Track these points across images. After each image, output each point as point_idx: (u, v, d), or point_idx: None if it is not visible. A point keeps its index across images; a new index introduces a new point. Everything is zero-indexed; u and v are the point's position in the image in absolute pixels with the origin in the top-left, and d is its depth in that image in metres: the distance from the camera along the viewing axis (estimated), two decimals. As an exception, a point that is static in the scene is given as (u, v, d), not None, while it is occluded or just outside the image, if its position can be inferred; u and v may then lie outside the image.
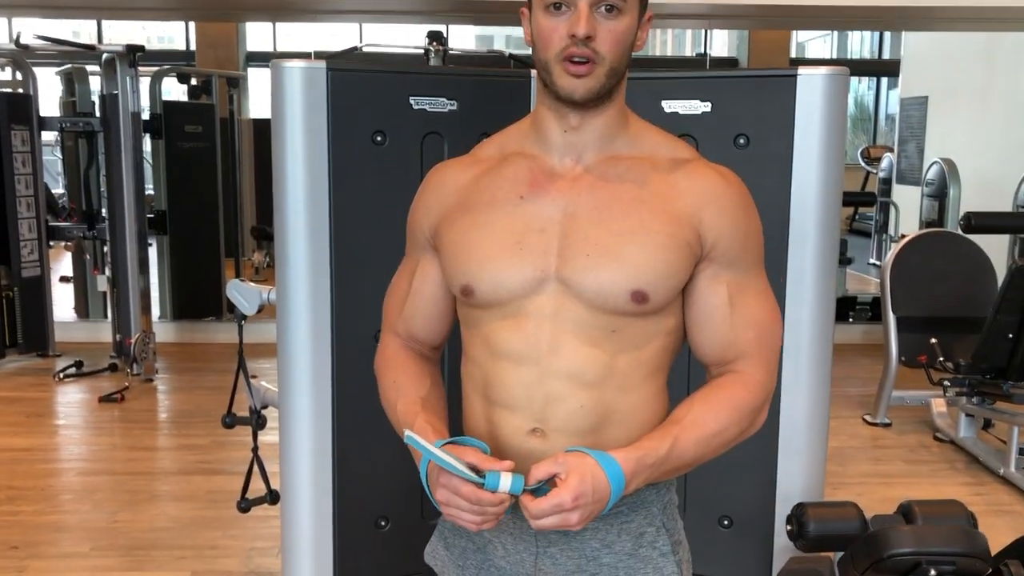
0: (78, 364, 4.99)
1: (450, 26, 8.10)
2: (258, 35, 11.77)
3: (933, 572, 1.64)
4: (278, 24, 10.76)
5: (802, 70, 2.37)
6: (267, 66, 2.34)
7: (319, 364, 2.41)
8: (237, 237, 6.58)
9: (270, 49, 12.30)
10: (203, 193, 6.04)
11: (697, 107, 2.41)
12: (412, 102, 2.39)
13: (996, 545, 1.85)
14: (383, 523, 2.53)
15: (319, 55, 10.34)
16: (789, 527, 2.09)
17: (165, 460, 3.70)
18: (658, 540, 1.19)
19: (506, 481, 1.05)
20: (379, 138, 2.38)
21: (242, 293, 2.54)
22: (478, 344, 1.19)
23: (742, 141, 2.42)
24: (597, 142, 1.17)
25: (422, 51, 4.53)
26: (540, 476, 1.05)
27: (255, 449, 2.78)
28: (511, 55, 4.97)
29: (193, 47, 11.36)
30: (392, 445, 2.46)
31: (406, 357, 1.29)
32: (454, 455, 1.06)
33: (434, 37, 4.45)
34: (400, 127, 2.39)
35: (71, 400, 4.59)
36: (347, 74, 2.36)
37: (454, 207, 1.21)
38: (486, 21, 7.86)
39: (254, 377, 2.71)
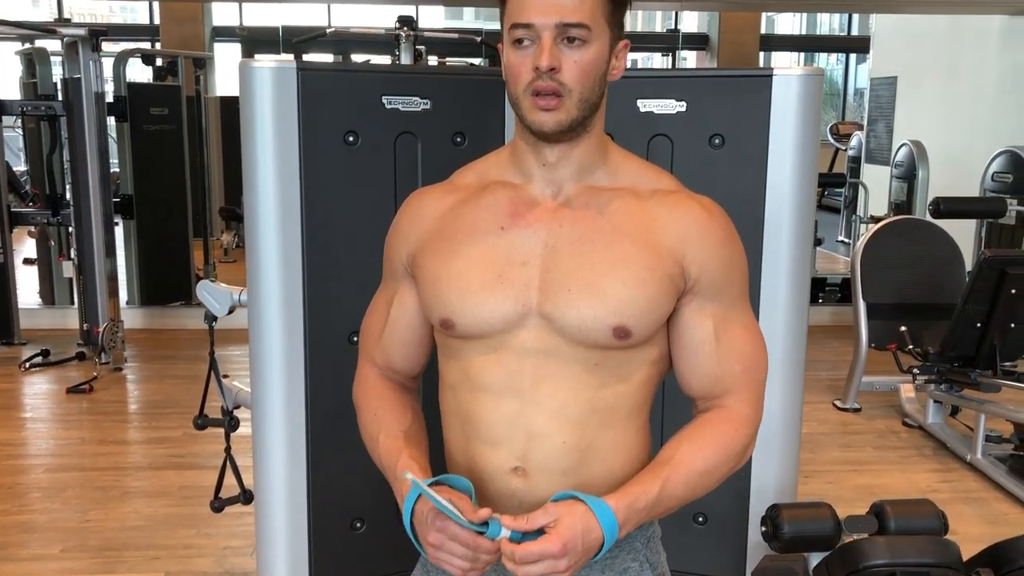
0: (44, 353, 4.92)
1: (420, 6, 8.01)
2: (224, 9, 11.55)
3: (906, 581, 1.65)
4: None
5: (777, 71, 2.36)
6: (234, 41, 2.28)
7: (292, 365, 2.39)
8: (205, 219, 6.48)
9: (236, 24, 12.10)
10: (170, 176, 5.94)
11: (672, 106, 2.40)
12: (384, 101, 2.36)
13: (965, 535, 1.88)
14: (358, 524, 2.52)
15: (287, 30, 10.11)
16: (764, 528, 2.11)
17: (136, 454, 3.66)
18: (642, 575, 1.19)
19: (505, 530, 1.04)
20: (351, 138, 2.34)
21: (212, 294, 2.50)
22: (457, 374, 1.18)
23: (717, 141, 2.41)
24: (576, 174, 1.15)
25: (392, 33, 4.47)
26: (532, 528, 1.03)
27: (228, 449, 2.75)
28: (482, 40, 4.92)
29: (158, 21, 11.12)
30: (365, 446, 2.47)
31: (385, 388, 1.28)
32: (451, 500, 1.05)
33: (404, 22, 4.39)
34: (373, 127, 2.35)
35: (38, 391, 4.53)
36: (318, 74, 2.31)
37: (432, 235, 1.19)
38: (455, 2, 7.79)
39: (226, 377, 2.67)
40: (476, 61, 10.13)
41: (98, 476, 3.42)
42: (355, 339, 2.42)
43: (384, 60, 8.90)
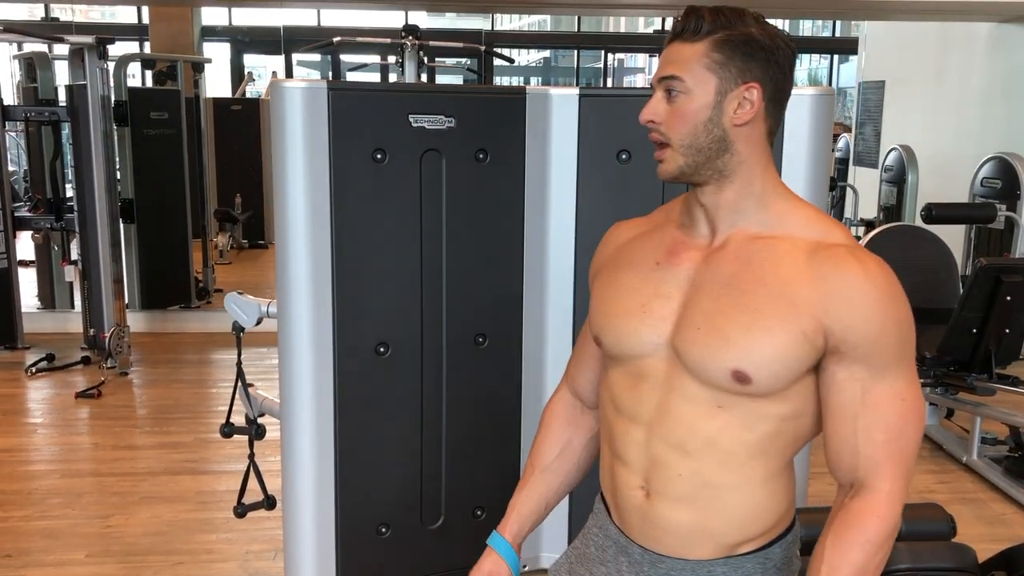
0: (49, 358, 4.94)
1: (415, 12, 8.04)
2: (214, 9, 11.53)
3: (926, 586, 1.74)
4: None
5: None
6: (224, 41, 2.30)
7: (321, 376, 2.45)
8: (203, 222, 6.52)
9: (226, 23, 12.09)
10: (170, 180, 5.97)
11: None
12: (411, 120, 2.43)
13: (964, 535, 1.96)
14: (384, 529, 2.60)
15: (287, 31, 10.10)
16: (781, 533, 2.19)
17: (150, 459, 3.70)
18: None
19: None
20: (379, 155, 2.41)
21: (240, 306, 2.56)
22: (606, 395, 1.28)
23: (733, 158, 2.49)
24: (729, 216, 1.17)
25: (399, 39, 4.52)
26: None
27: (251, 456, 2.80)
28: (487, 50, 4.98)
29: (146, 21, 11.09)
30: (391, 452, 2.54)
31: (555, 413, 1.44)
32: None
33: (410, 31, 4.44)
34: (400, 144, 2.42)
35: (45, 396, 4.56)
36: (347, 93, 2.38)
37: (608, 262, 1.30)
38: (448, 8, 7.83)
39: (251, 386, 2.73)
40: (467, 61, 10.19)
41: (115, 482, 3.47)
42: (382, 350, 2.50)
43: (374, 59, 8.95)
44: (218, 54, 11.34)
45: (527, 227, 2.59)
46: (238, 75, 12.02)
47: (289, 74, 11.80)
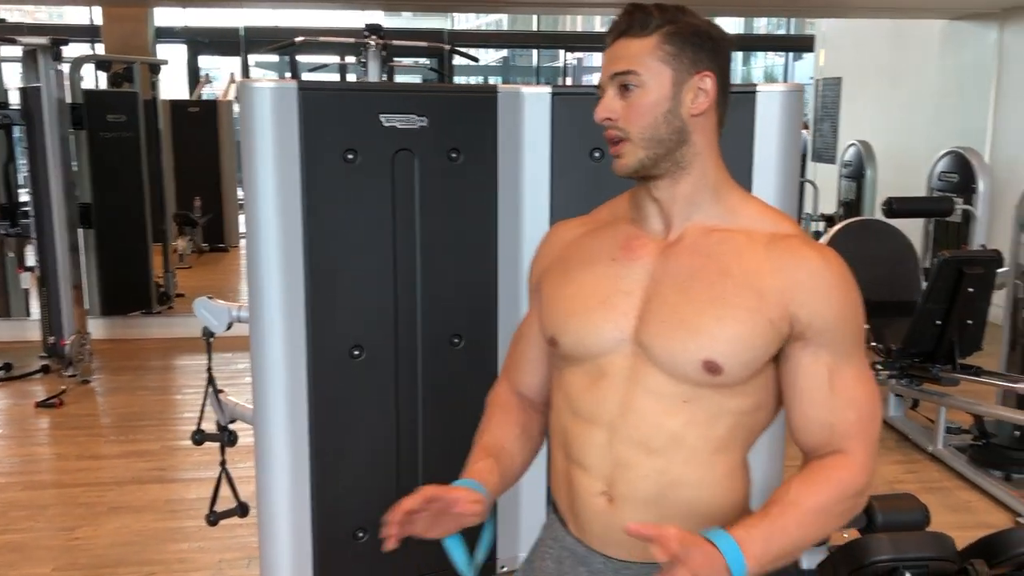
0: (7, 367, 4.83)
1: (372, 11, 7.99)
2: (168, 9, 11.35)
3: (908, 574, 1.76)
4: (190, -1, 10.37)
5: (761, 87, 2.47)
6: (180, 42, 2.26)
7: (294, 380, 2.42)
8: (163, 225, 6.42)
9: (181, 24, 11.91)
10: (128, 183, 5.88)
11: (661, 122, 2.48)
12: (383, 119, 2.40)
13: (932, 523, 2.00)
14: (361, 534, 2.57)
15: (249, 31, 9.98)
16: (760, 526, 2.20)
17: (116, 469, 3.63)
18: None
19: None
20: (350, 156, 2.38)
21: (210, 311, 2.52)
22: (560, 398, 1.25)
23: (705, 155, 2.50)
24: (684, 210, 1.18)
25: (362, 39, 4.48)
26: (647, 537, 0.99)
27: (223, 463, 2.76)
28: (452, 49, 4.96)
29: (98, 21, 10.88)
30: (367, 456, 2.52)
31: (503, 402, 1.37)
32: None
33: (373, 30, 4.40)
34: (371, 144, 2.40)
35: (5, 406, 4.45)
36: (318, 93, 2.35)
37: (556, 262, 1.28)
38: (396, 7, 7.79)
39: (221, 392, 2.68)
40: (426, 61, 10.14)
41: (80, 492, 3.40)
42: (357, 353, 2.48)
43: (332, 59, 8.87)
44: (173, 55, 11.17)
45: (501, 226, 2.57)
46: (194, 77, 11.85)
47: (246, 75, 11.66)
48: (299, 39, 4.34)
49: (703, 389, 1.13)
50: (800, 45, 13.10)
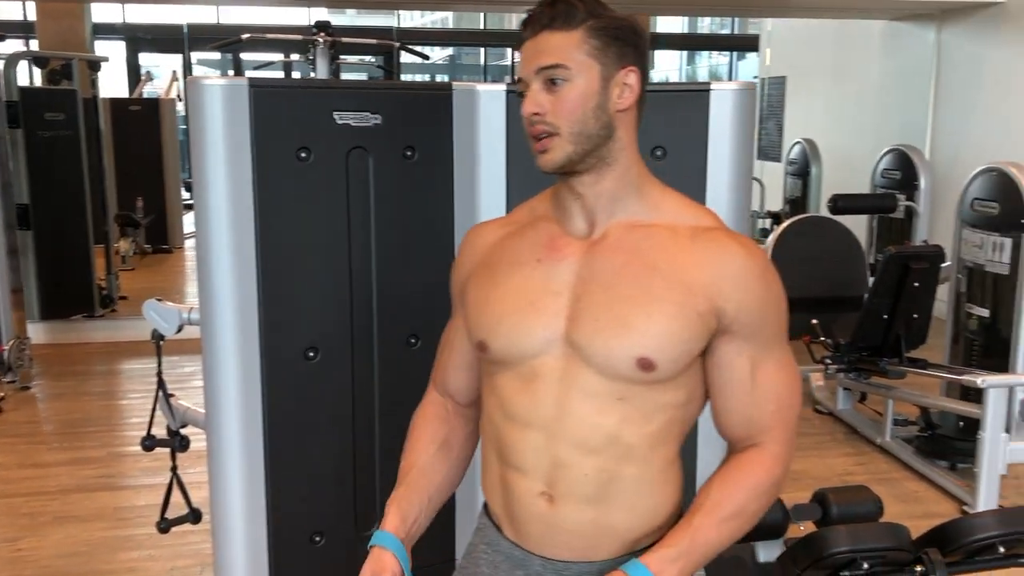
0: (-59, 374, 4.67)
1: (316, 8, 7.91)
2: (106, 5, 11.10)
3: (866, 565, 1.79)
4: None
5: (715, 85, 2.48)
6: (119, 39, 2.21)
7: (248, 383, 2.37)
8: (105, 227, 6.26)
9: (119, 20, 11.64)
10: (68, 183, 5.73)
11: (616, 120, 2.49)
12: (336, 117, 2.37)
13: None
14: (318, 538, 2.53)
15: (192, 28, 9.82)
16: (719, 521, 2.22)
17: (61, 477, 3.53)
18: None
19: None
20: (304, 154, 2.34)
21: (160, 314, 2.46)
22: (493, 402, 1.23)
23: (659, 153, 2.51)
24: (608, 206, 1.18)
25: (310, 36, 4.42)
26: None
27: (174, 469, 2.70)
28: (401, 46, 4.92)
29: (32, 17, 10.58)
30: (323, 459, 2.48)
31: (427, 415, 1.36)
32: None
33: (321, 27, 4.35)
34: (325, 142, 2.36)
35: (-60, 415, 4.31)
36: (269, 90, 2.30)
37: (480, 266, 1.25)
38: (351, 5, 7.72)
39: (172, 396, 2.62)
40: (371, 59, 10.06)
41: (23, 502, 3.30)
42: (312, 355, 2.44)
43: (277, 57, 8.76)
44: (112, 53, 10.92)
45: (457, 225, 2.55)
46: (134, 74, 11.60)
47: (189, 73, 11.44)
48: (246, 36, 4.27)
49: (636, 386, 1.14)
50: (745, 45, 13.30)
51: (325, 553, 2.54)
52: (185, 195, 9.17)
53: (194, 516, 2.71)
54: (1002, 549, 1.82)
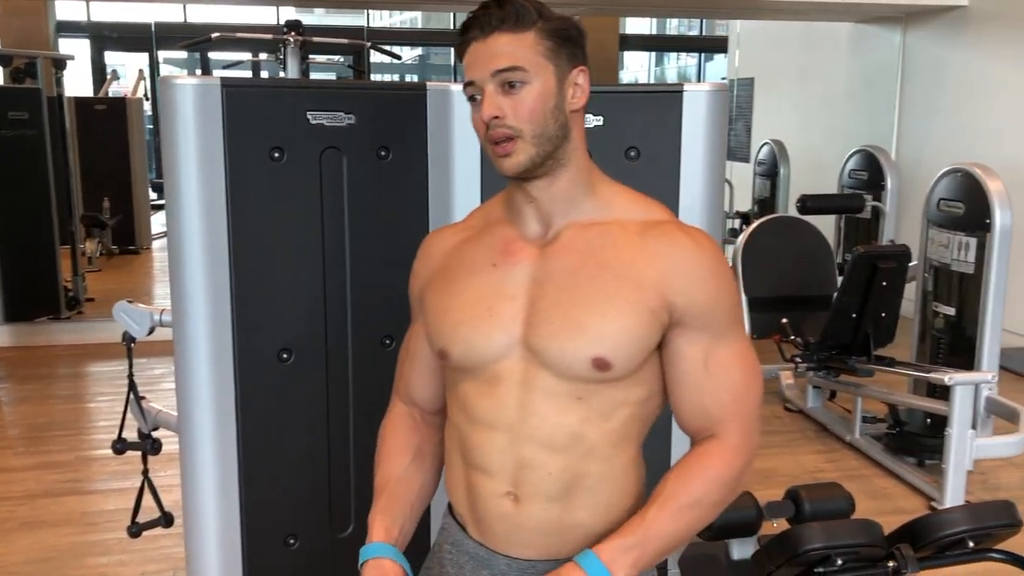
0: (-97, 378, 4.59)
1: (284, 7, 7.86)
2: (70, 3, 10.96)
3: (840, 561, 1.82)
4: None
5: (688, 87, 2.50)
6: (83, 37, 2.18)
7: (221, 385, 2.35)
8: (71, 227, 6.18)
9: (83, 19, 11.49)
10: (33, 184, 5.65)
11: (590, 120, 2.50)
12: (309, 117, 2.36)
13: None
14: (292, 540, 2.51)
15: (159, 27, 9.70)
16: (693, 520, 2.23)
17: (27, 482, 3.48)
18: None
19: None
20: (277, 154, 2.32)
21: (131, 315, 2.44)
22: (456, 407, 1.23)
23: (633, 154, 2.53)
24: (563, 208, 1.19)
25: (281, 35, 4.40)
26: None
27: (145, 472, 2.67)
28: (372, 45, 4.90)
29: (-6, 14, 10.40)
30: (298, 461, 2.47)
31: (396, 427, 1.35)
32: None
33: (292, 27, 4.32)
34: (298, 142, 2.34)
35: (-99, 420, 4.23)
36: (242, 90, 2.29)
37: (437, 273, 1.25)
38: (319, 5, 7.69)
39: (143, 399, 2.60)
40: (340, 59, 10.01)
41: (-11, 507, 3.25)
42: (285, 356, 2.43)
43: (245, 56, 8.69)
44: (76, 51, 10.77)
45: (432, 225, 2.55)
46: (99, 73, 11.45)
47: (156, 72, 11.31)
48: (215, 35, 4.23)
49: (594, 385, 1.14)
50: (713, 46, 13.39)
51: (299, 555, 2.52)
52: (153, 195, 9.07)
53: (166, 520, 2.69)
54: (971, 544, 1.85)
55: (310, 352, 2.46)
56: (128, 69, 11.75)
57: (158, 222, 9.03)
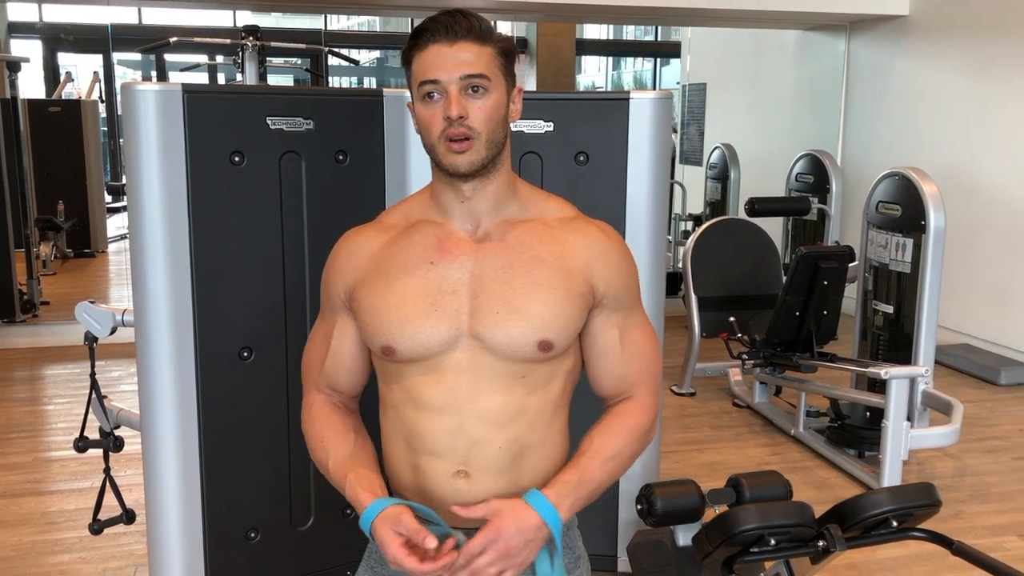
0: None
1: (241, 11, 7.86)
2: (22, 4, 10.80)
3: (773, 541, 1.93)
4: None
5: (634, 94, 2.62)
6: (35, 38, 2.21)
7: (183, 383, 2.41)
8: (25, 230, 6.14)
9: (35, 20, 11.34)
10: (-15, 187, 5.61)
11: (541, 126, 2.60)
12: (269, 122, 2.43)
13: (796, 498, 2.18)
14: (253, 534, 2.58)
15: (117, 28, 9.67)
16: (639, 506, 2.32)
17: (-14, 483, 3.49)
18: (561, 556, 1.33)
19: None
20: (237, 158, 2.39)
21: (93, 316, 2.48)
22: (400, 395, 1.31)
23: (582, 158, 2.63)
24: (492, 208, 1.30)
25: (239, 40, 4.45)
26: (475, 516, 1.20)
27: (107, 470, 2.71)
28: (329, 50, 4.96)
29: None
30: (258, 456, 2.53)
31: (330, 412, 1.40)
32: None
33: (250, 31, 4.38)
34: (258, 147, 2.42)
35: None
36: (203, 95, 2.35)
37: (368, 272, 1.32)
38: (278, 9, 7.70)
39: (105, 398, 2.64)
40: (298, 61, 10.00)
41: (-53, 509, 3.26)
42: (246, 355, 2.49)
43: (201, 59, 8.67)
44: (28, 53, 10.63)
45: (388, 227, 2.63)
46: (52, 75, 11.31)
47: (110, 74, 11.21)
48: (174, 39, 4.27)
49: (535, 364, 1.28)
50: (669, 51, 13.58)
51: (260, 548, 2.59)
52: (108, 199, 9.00)
53: (128, 517, 2.73)
54: (895, 523, 1.97)
55: (270, 351, 2.53)
56: (80, 70, 11.62)
57: (114, 225, 8.97)
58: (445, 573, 1.19)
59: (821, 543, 1.96)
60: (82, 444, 2.61)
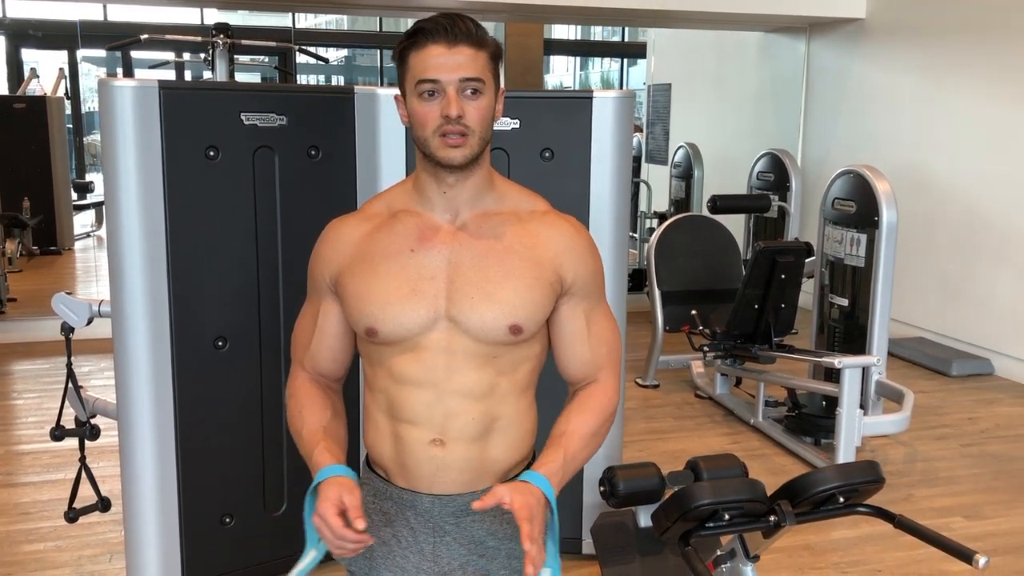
0: None
1: (208, 8, 7.87)
2: (-16, 0, 10.69)
3: (726, 516, 2.03)
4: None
5: (597, 93, 2.72)
6: None
7: (159, 372, 2.47)
8: (-9, 227, 6.12)
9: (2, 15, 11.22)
10: (-49, 183, 5.59)
11: (508, 123, 2.70)
12: (243, 118, 2.50)
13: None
14: (228, 520, 2.65)
15: (86, 25, 9.52)
16: (602, 488, 2.42)
17: (-43, 476, 3.52)
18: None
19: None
20: (212, 153, 2.46)
21: (70, 306, 2.54)
22: (382, 375, 1.42)
23: (547, 154, 2.73)
24: (470, 200, 1.40)
25: (209, 37, 4.48)
26: (489, 505, 1.27)
27: (83, 459, 2.77)
28: (300, 48, 5.02)
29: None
30: (233, 443, 2.60)
31: (311, 388, 1.49)
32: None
33: (220, 29, 4.42)
34: (232, 142, 2.49)
35: None
36: (179, 92, 2.42)
37: (353, 259, 1.42)
38: (245, 7, 7.71)
39: (81, 388, 2.69)
40: (266, 59, 10.00)
41: (-81, 501, 3.28)
42: (220, 344, 2.56)
43: (168, 55, 8.65)
44: (-7, 49, 10.53)
45: (359, 220, 2.70)
46: (15, 71, 11.21)
47: (75, 71, 11.13)
48: (144, 37, 4.30)
49: (506, 346, 1.39)
50: (635, 51, 13.72)
51: (235, 533, 2.66)
52: (75, 196, 8.95)
53: (103, 504, 2.78)
54: (842, 499, 2.08)
55: (244, 340, 2.60)
56: (43, 67, 11.52)
57: (80, 223, 8.93)
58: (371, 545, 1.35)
59: (772, 518, 2.06)
60: (59, 432, 2.66)
